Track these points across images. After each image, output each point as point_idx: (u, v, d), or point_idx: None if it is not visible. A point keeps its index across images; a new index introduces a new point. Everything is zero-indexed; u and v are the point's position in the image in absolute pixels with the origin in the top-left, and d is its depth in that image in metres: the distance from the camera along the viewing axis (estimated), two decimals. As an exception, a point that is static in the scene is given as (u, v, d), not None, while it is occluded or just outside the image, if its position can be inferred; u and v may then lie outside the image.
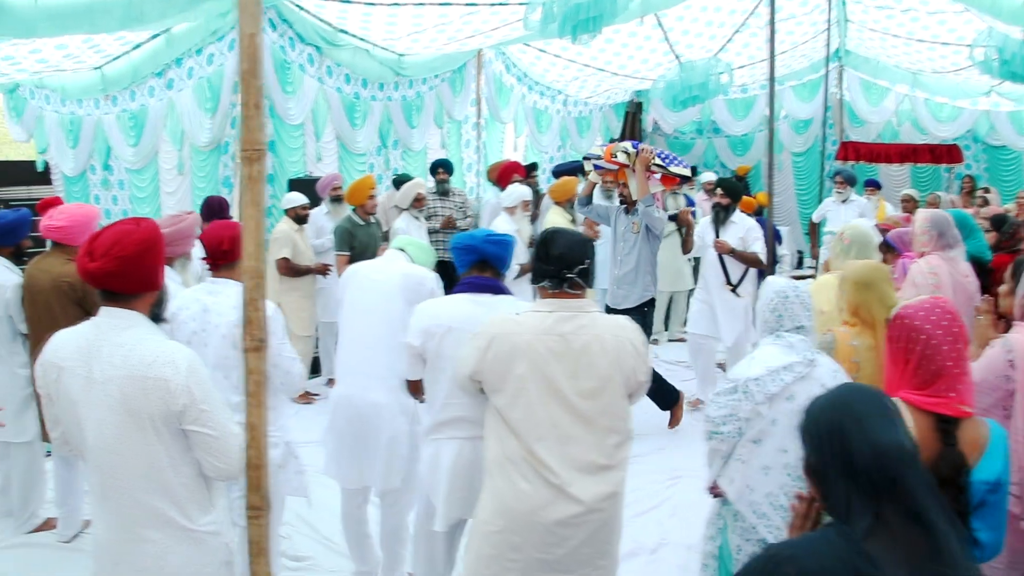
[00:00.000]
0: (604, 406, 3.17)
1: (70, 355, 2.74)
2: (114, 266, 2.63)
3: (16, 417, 5.30)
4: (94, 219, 5.06)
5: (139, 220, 2.78)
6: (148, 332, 2.75)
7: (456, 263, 3.93)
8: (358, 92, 9.92)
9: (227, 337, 3.60)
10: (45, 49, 8.42)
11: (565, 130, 14.03)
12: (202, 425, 2.70)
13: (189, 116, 8.84)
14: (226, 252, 3.69)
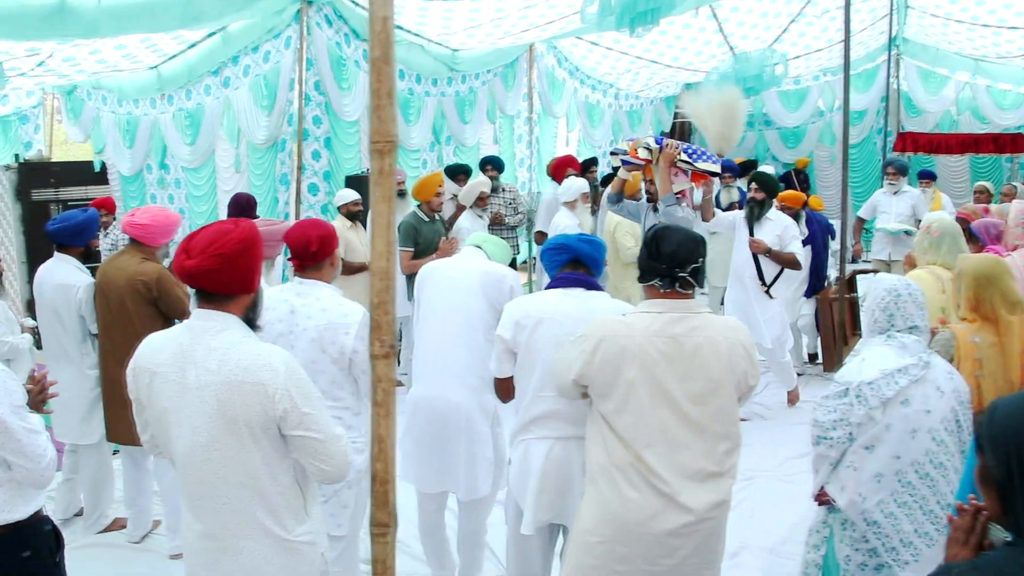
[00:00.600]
0: (715, 411, 3.04)
1: (164, 360, 2.66)
2: (212, 263, 2.55)
3: (84, 419, 5.28)
4: (176, 224, 5.11)
5: (237, 221, 2.70)
6: (243, 335, 2.66)
7: (546, 265, 3.83)
8: (411, 88, 9.84)
9: (315, 341, 3.51)
10: (105, 50, 8.44)
11: (617, 124, 13.88)
12: (306, 429, 2.61)
13: (246, 114, 8.80)
14: (315, 253, 3.58)
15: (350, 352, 3.55)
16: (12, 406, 2.86)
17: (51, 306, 5.19)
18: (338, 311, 3.56)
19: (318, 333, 3.52)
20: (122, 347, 4.81)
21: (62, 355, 5.26)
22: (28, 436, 2.90)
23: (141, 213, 4.97)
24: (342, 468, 2.72)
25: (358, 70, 8.87)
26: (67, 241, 5.20)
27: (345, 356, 3.56)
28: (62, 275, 5.15)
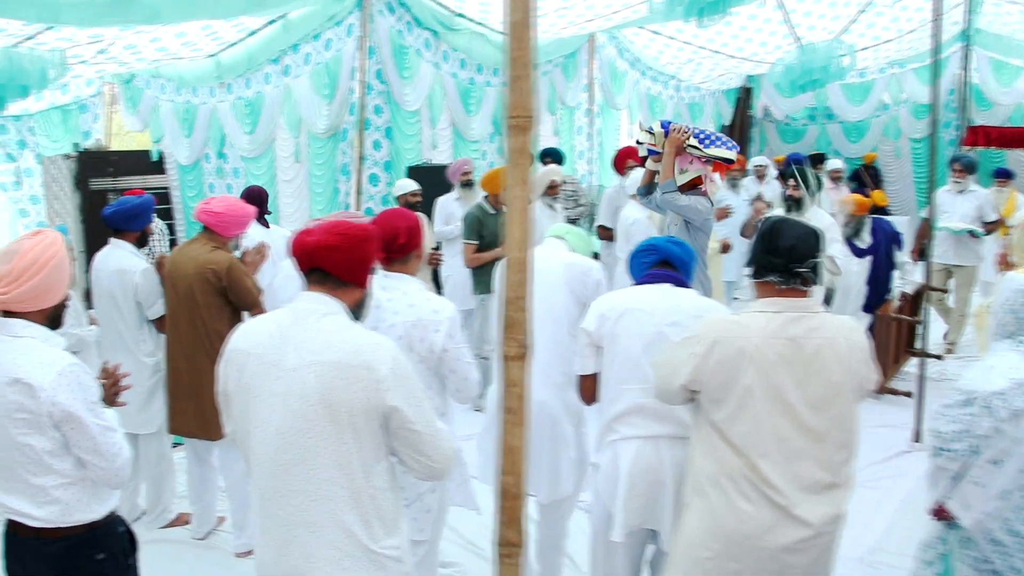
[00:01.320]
0: (834, 418, 2.81)
1: (261, 340, 2.51)
2: (335, 240, 2.49)
3: (142, 407, 5.14)
4: (250, 216, 5.00)
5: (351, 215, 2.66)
6: (350, 322, 2.53)
7: (633, 269, 3.67)
8: (473, 78, 9.67)
9: (403, 338, 3.30)
10: (165, 37, 8.37)
11: (678, 116, 13.58)
12: (412, 420, 2.45)
13: (306, 103, 8.67)
14: (403, 245, 3.39)
15: (439, 350, 3.35)
16: (87, 402, 2.72)
17: (108, 293, 5.08)
18: (427, 307, 3.37)
19: (406, 330, 3.33)
20: (188, 337, 4.74)
21: (119, 342, 5.15)
22: (103, 434, 2.76)
23: (216, 201, 4.85)
24: (447, 463, 2.56)
25: (419, 59, 8.72)
26: (122, 225, 5.10)
27: (434, 354, 3.36)
28: (118, 261, 5.06)
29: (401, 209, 3.51)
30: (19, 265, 2.70)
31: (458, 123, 9.57)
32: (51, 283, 2.78)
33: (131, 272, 5.00)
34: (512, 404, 1.97)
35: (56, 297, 2.85)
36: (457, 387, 3.46)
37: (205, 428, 4.77)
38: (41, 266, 2.74)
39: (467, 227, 6.99)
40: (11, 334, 2.77)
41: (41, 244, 2.77)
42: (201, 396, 4.67)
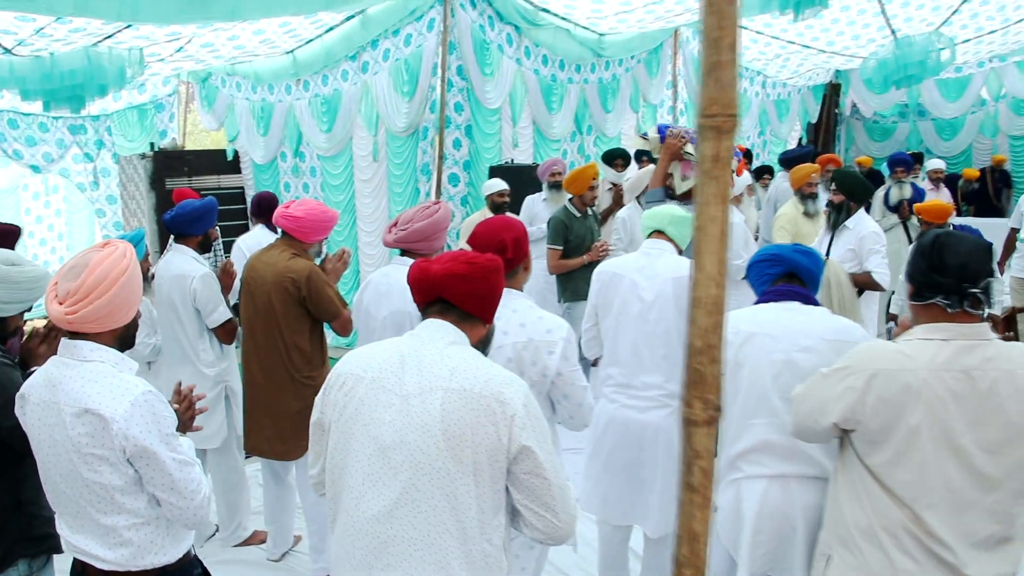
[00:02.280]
0: (1012, 463, 2.38)
1: (374, 364, 2.22)
2: (462, 269, 2.26)
3: (204, 421, 4.78)
4: (332, 221, 4.61)
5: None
6: (477, 355, 2.24)
7: (754, 280, 3.29)
8: (555, 74, 9.32)
9: (513, 361, 2.97)
10: (243, 35, 8.19)
11: (764, 114, 13.10)
12: (540, 467, 2.13)
13: (385, 100, 8.40)
14: (510, 259, 3.03)
15: (553, 374, 3.01)
16: (162, 434, 2.44)
17: (168, 300, 4.82)
18: (539, 327, 3.03)
19: (516, 352, 2.99)
20: (266, 350, 4.44)
21: (178, 352, 4.89)
22: (180, 469, 2.47)
23: (296, 205, 4.52)
24: (572, 524, 2.22)
25: (501, 55, 8.39)
26: (183, 230, 4.83)
27: (547, 379, 3.02)
28: (178, 266, 4.80)
29: (505, 218, 3.15)
30: (88, 281, 2.41)
31: (539, 121, 9.22)
32: (122, 301, 2.49)
33: (189, 277, 4.73)
34: (695, 480, 1.57)
35: (127, 316, 2.55)
36: (570, 414, 3.12)
37: (283, 447, 4.49)
38: (112, 282, 2.44)
39: (552, 231, 6.62)
40: (79, 358, 2.48)
41: (111, 257, 2.47)
42: (279, 413, 4.41)
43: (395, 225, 3.98)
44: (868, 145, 16.25)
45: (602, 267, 3.99)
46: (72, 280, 2.43)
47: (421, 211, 3.93)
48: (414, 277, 2.27)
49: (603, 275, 3.93)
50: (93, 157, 11.71)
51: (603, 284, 3.90)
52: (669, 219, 3.93)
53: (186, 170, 10.71)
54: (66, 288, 2.43)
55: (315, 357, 4.46)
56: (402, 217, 3.97)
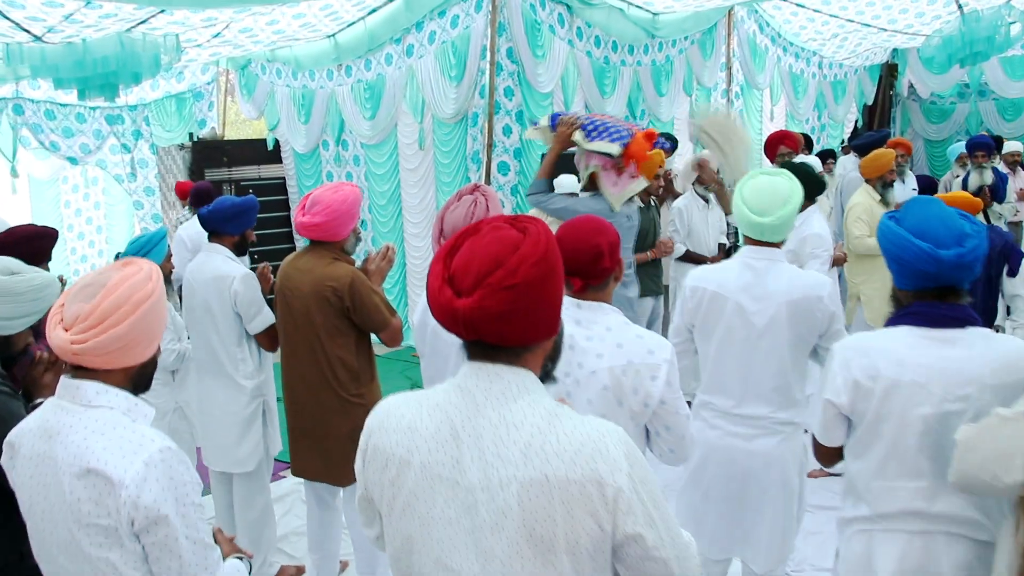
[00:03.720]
0: None
1: (420, 440, 1.68)
2: (502, 304, 1.59)
3: (239, 440, 4.43)
4: (357, 199, 3.98)
5: (519, 223, 1.69)
6: (550, 402, 1.67)
7: (897, 275, 2.57)
8: (607, 56, 8.88)
9: (609, 389, 2.55)
10: (283, 19, 7.87)
11: (821, 96, 12.58)
12: (656, 547, 1.62)
13: (431, 85, 8.03)
14: (605, 268, 2.61)
15: (656, 403, 2.58)
16: (180, 504, 1.98)
17: (203, 304, 4.39)
18: (639, 347, 2.58)
19: (613, 379, 2.55)
20: (308, 368, 3.99)
21: (213, 362, 4.44)
22: (194, 552, 1.99)
23: (311, 206, 3.92)
24: None
25: (552, 36, 7.98)
26: (219, 228, 4.46)
27: (648, 408, 2.58)
28: (214, 267, 4.38)
29: (596, 219, 2.70)
30: (103, 305, 1.98)
31: (592, 106, 8.79)
32: (141, 333, 2.04)
33: (228, 279, 4.30)
34: None
35: (146, 352, 2.10)
36: (670, 447, 2.69)
37: (331, 472, 4.06)
38: (132, 308, 2.00)
39: (616, 225, 6.20)
40: (81, 402, 2.02)
41: (134, 279, 2.04)
42: (328, 436, 3.99)
43: (441, 234, 3.45)
44: (925, 127, 15.65)
45: (697, 281, 3.42)
46: (84, 301, 2.00)
47: (468, 216, 3.36)
48: (434, 306, 1.67)
49: (700, 292, 3.38)
50: (131, 148, 11.46)
51: (701, 304, 3.38)
52: (775, 217, 3.22)
53: (225, 160, 10.45)
54: (75, 311, 1.99)
55: (363, 373, 4.01)
56: (450, 226, 3.38)
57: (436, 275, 1.66)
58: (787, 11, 10.96)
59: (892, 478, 2.51)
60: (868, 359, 2.51)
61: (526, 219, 1.70)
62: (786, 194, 3.24)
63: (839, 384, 2.56)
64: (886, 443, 2.50)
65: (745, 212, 3.27)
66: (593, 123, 4.86)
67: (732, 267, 3.39)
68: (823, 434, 2.67)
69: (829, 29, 11.49)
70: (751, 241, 3.34)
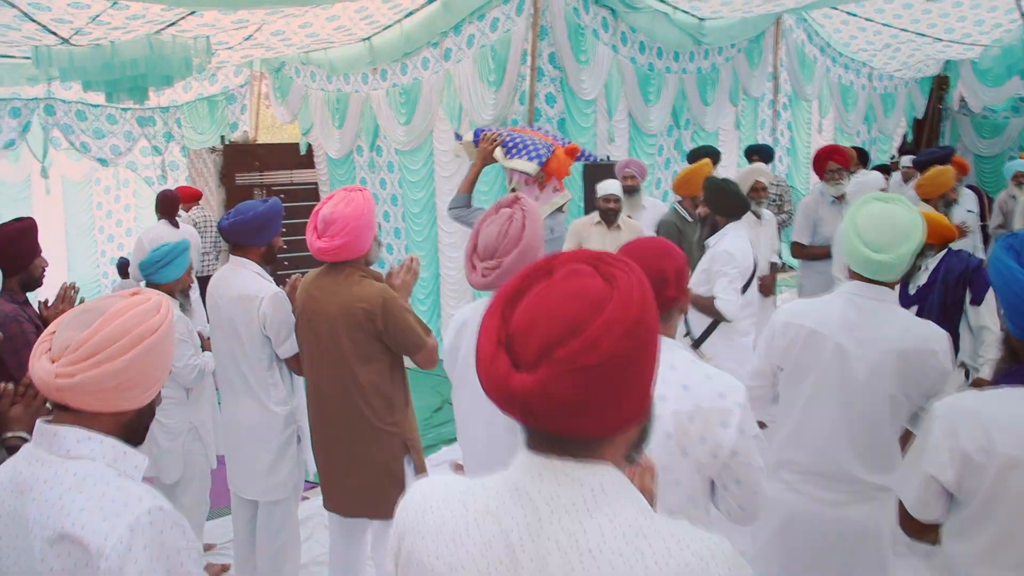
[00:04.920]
0: None
1: (470, 557, 1.27)
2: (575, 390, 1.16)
3: (270, 469, 4.05)
4: (371, 208, 3.62)
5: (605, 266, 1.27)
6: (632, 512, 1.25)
7: (1012, 321, 2.21)
8: (652, 63, 8.56)
9: (672, 437, 2.19)
10: (316, 22, 7.61)
11: (871, 108, 12.19)
12: None
13: (469, 90, 7.73)
14: (670, 299, 2.27)
15: (726, 454, 2.22)
16: None
17: (229, 324, 3.98)
18: (708, 389, 2.23)
19: (679, 425, 2.21)
20: (338, 397, 3.64)
21: (240, 386, 4.05)
22: None
23: (326, 226, 3.52)
24: None
25: (596, 41, 7.66)
26: (244, 240, 4.01)
27: (718, 459, 2.21)
28: (240, 284, 3.96)
29: (662, 241, 2.35)
30: (99, 335, 1.67)
31: (636, 114, 8.46)
32: (140, 373, 1.72)
33: (255, 299, 3.89)
34: None
35: (143, 397, 1.77)
36: (740, 504, 2.29)
37: (365, 505, 3.70)
38: (132, 343, 1.69)
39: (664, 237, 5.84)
40: (60, 452, 1.69)
41: (137, 309, 1.74)
42: (362, 468, 3.64)
43: (475, 251, 3.00)
44: (976, 142, 15.16)
45: (790, 316, 2.99)
46: (77, 329, 1.69)
47: (502, 234, 2.90)
48: (484, 376, 1.25)
49: (794, 330, 2.94)
50: (161, 150, 11.28)
51: (795, 343, 2.95)
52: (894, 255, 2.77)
53: (256, 165, 10.25)
54: (66, 339, 1.68)
55: (397, 399, 3.66)
56: (483, 244, 2.96)
57: (490, 333, 1.24)
58: (838, 20, 10.61)
59: (1005, 568, 2.12)
60: (980, 428, 2.10)
61: (614, 261, 1.28)
62: (907, 228, 2.79)
63: (944, 457, 2.17)
64: (1000, 527, 2.11)
65: (859, 247, 2.81)
66: (513, 140, 4.83)
67: (833, 303, 2.95)
68: (920, 509, 2.29)
69: (881, 39, 11.11)
70: (857, 276, 2.91)
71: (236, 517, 4.31)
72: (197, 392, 4.47)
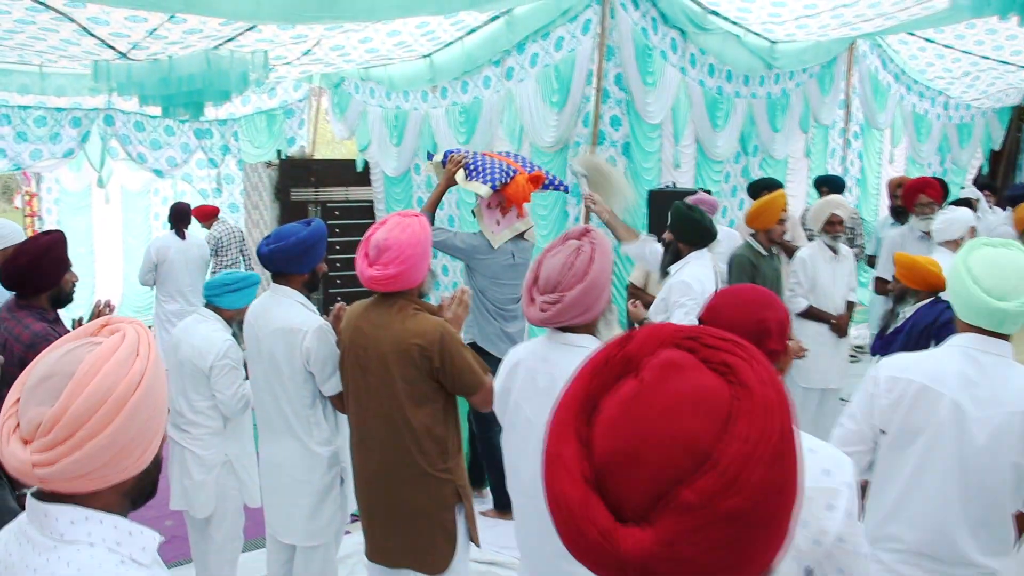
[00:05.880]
0: None
1: None
2: (712, 547, 0.84)
3: (312, 514, 3.75)
4: (428, 238, 3.40)
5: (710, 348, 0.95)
6: None
7: None
8: (721, 86, 8.23)
9: None
10: (377, 37, 7.44)
11: (945, 139, 11.72)
12: None
13: (531, 111, 7.48)
14: (772, 352, 1.99)
15: (831, 541, 1.90)
16: None
17: (269, 358, 3.71)
18: (811, 465, 1.80)
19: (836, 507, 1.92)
20: (387, 438, 3.36)
21: (281, 424, 3.76)
22: None
23: (378, 254, 3.29)
24: None
25: (664, 62, 7.37)
26: (285, 267, 3.73)
27: (820, 547, 1.91)
28: (283, 316, 3.69)
29: (760, 290, 2.07)
30: (72, 408, 1.36)
31: (703, 140, 8.14)
32: (132, 439, 1.42)
33: (299, 333, 3.61)
34: None
35: (141, 460, 1.48)
36: None
37: (416, 558, 3.41)
38: (113, 409, 1.39)
39: (736, 273, 5.49)
40: (53, 535, 1.42)
41: (111, 361, 1.41)
42: (410, 517, 3.37)
43: (535, 283, 2.75)
44: (1057, 176, 14.61)
45: (897, 371, 2.68)
46: (45, 401, 1.39)
47: (567, 268, 2.65)
48: (572, 543, 0.90)
49: (902, 385, 2.65)
50: (217, 163, 11.24)
51: (902, 400, 2.65)
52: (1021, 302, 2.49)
53: (312, 180, 10.08)
54: (34, 417, 1.38)
55: (451, 443, 3.38)
56: (545, 275, 2.71)
57: (566, 467, 0.90)
58: (914, 47, 10.21)
59: None
60: None
61: (721, 342, 0.96)
62: None
63: None
64: None
65: (978, 295, 2.53)
66: (475, 163, 5.06)
67: (948, 357, 2.65)
68: None
69: (960, 67, 10.68)
70: (971, 328, 2.62)
71: (271, 560, 4.04)
72: (235, 422, 4.25)
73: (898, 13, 7.66)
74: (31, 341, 3.71)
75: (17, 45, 7.07)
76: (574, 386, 0.96)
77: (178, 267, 8.72)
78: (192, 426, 4.21)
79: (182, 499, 4.27)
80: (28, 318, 3.84)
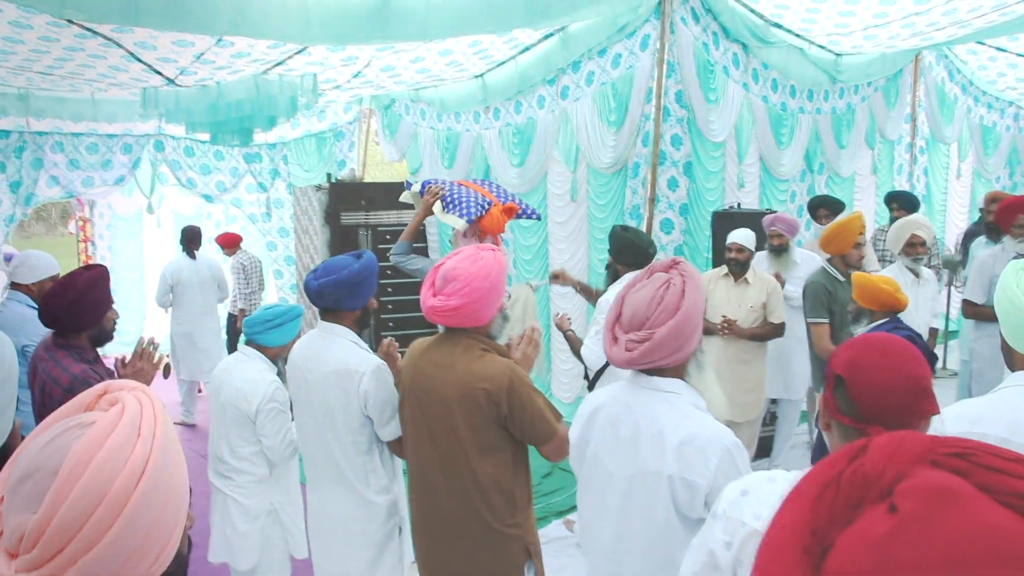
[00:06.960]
0: None
1: None
2: None
3: (369, 567, 3.47)
4: (502, 274, 3.07)
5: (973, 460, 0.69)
6: None
7: None
8: (785, 102, 7.92)
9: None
10: (428, 56, 7.24)
11: (1015, 152, 11.25)
12: None
13: (587, 130, 7.23)
14: (927, 413, 1.70)
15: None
16: None
17: (321, 403, 3.43)
18: None
19: None
20: (449, 490, 3.06)
21: (331, 472, 3.47)
22: None
23: (444, 283, 2.99)
24: None
25: (727, 78, 7.08)
26: (336, 303, 3.45)
27: None
28: (336, 357, 3.41)
29: (901, 342, 1.75)
30: (60, 515, 1.10)
31: (767, 158, 7.83)
32: (139, 545, 1.15)
33: (355, 375, 3.33)
34: None
35: (159, 561, 1.19)
36: None
37: None
38: (110, 514, 1.11)
39: (811, 300, 5.17)
40: None
41: (105, 452, 1.14)
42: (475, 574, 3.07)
43: (618, 321, 2.46)
44: None
45: (968, 423, 2.39)
46: (28, 507, 1.12)
47: (655, 301, 2.36)
48: None
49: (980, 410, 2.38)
50: (267, 187, 11.12)
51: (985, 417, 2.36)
52: None
53: (363, 204, 9.88)
54: (17, 526, 1.12)
55: (520, 496, 3.06)
56: (630, 312, 2.41)
57: None
58: (984, 57, 9.80)
59: None
60: None
61: (1006, 463, 0.70)
62: None
63: None
64: None
65: None
66: (452, 195, 5.07)
67: (1020, 400, 2.36)
68: None
69: (1034, 76, 10.26)
70: None
71: None
72: (281, 468, 4.01)
73: (974, 20, 7.31)
74: (70, 384, 3.52)
75: (68, 74, 6.99)
76: (788, 515, 0.71)
77: (191, 288, 8.82)
78: (236, 473, 3.95)
79: (224, 550, 4.01)
80: (67, 359, 3.65)
